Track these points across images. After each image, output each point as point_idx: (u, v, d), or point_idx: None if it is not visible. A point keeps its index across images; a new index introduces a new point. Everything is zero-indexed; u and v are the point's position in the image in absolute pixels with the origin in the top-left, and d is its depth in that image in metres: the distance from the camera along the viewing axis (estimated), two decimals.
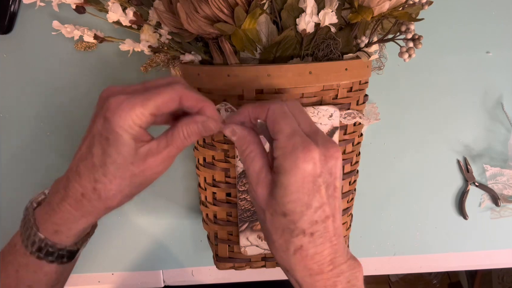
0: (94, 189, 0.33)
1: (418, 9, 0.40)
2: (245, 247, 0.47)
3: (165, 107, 0.33)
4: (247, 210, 0.45)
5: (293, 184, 0.30)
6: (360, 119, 0.44)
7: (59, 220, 0.35)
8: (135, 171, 0.33)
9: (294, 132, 0.31)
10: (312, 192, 0.31)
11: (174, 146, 0.34)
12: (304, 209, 0.31)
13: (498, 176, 0.58)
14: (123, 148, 0.32)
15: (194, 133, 0.34)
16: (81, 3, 0.46)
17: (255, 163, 0.33)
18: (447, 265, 0.60)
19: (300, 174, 0.30)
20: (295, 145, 0.30)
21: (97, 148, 0.33)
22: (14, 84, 0.56)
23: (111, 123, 0.31)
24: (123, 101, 0.32)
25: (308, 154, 0.30)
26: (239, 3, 0.37)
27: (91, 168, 0.33)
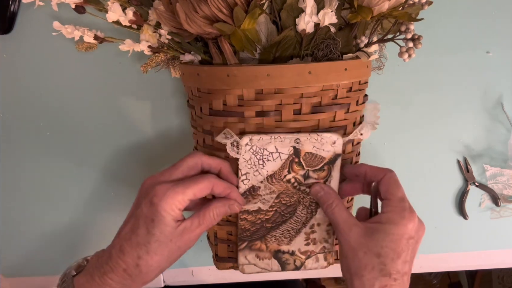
0: (136, 265, 0.38)
1: (418, 9, 0.40)
2: (243, 265, 0.47)
3: (201, 194, 0.39)
4: (246, 230, 0.46)
5: (394, 234, 0.37)
6: (361, 136, 0.45)
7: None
8: (173, 247, 0.39)
9: (404, 199, 0.39)
10: (404, 247, 0.38)
11: (205, 225, 0.41)
12: (396, 257, 0.37)
13: (498, 176, 0.58)
14: (165, 228, 0.38)
15: (221, 214, 0.42)
16: (80, 3, 0.46)
17: (342, 213, 0.41)
18: (447, 265, 0.60)
19: (402, 229, 0.38)
20: (404, 208, 0.39)
21: (142, 229, 0.38)
22: (14, 84, 0.56)
23: (158, 207, 0.37)
24: (168, 189, 0.38)
25: (412, 218, 0.38)
26: (239, 3, 0.37)
27: (135, 246, 0.38)
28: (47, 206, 0.58)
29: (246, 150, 0.42)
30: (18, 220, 0.59)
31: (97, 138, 0.57)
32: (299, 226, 0.46)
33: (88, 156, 0.57)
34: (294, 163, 0.43)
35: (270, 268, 0.47)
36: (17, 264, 0.60)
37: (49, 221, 0.59)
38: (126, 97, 0.56)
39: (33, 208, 0.58)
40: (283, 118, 0.42)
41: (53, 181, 0.58)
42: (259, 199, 0.45)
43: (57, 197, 0.58)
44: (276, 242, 0.47)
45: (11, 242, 0.59)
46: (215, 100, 0.42)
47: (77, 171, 0.57)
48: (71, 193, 0.58)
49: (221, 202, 0.42)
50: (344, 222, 0.40)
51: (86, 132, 0.57)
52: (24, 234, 0.59)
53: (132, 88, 0.56)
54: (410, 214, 0.38)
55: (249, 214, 0.45)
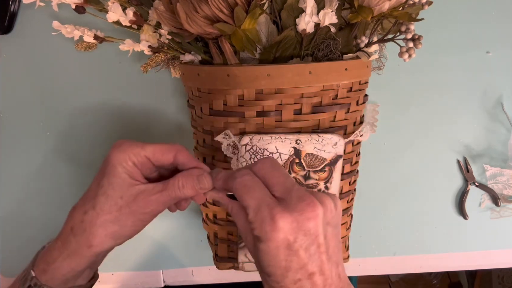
0: (81, 221, 0.35)
1: (418, 9, 0.40)
2: (243, 263, 0.47)
3: (160, 154, 0.36)
4: None
5: (269, 252, 0.31)
6: (360, 137, 0.45)
7: (49, 259, 0.36)
8: (123, 207, 0.35)
9: (260, 204, 0.31)
10: (289, 257, 0.30)
11: (167, 192, 0.36)
12: (284, 272, 0.31)
13: (498, 176, 0.58)
14: (114, 179, 0.35)
15: (188, 185, 0.36)
16: (81, 3, 0.46)
17: (239, 220, 0.34)
18: (447, 265, 0.60)
19: (273, 243, 0.30)
20: (262, 219, 0.31)
21: (93, 183, 0.36)
22: (14, 84, 0.56)
23: (109, 157, 0.35)
24: (124, 141, 0.36)
25: (275, 226, 0.30)
26: (239, 3, 0.37)
27: (84, 200, 0.36)
28: (47, 206, 0.58)
29: (246, 150, 0.42)
30: (18, 220, 0.59)
31: (97, 138, 0.57)
32: None
33: (88, 156, 0.57)
34: (295, 163, 0.43)
35: None
36: (17, 264, 0.60)
37: (49, 221, 0.59)
38: (126, 97, 0.56)
39: (33, 208, 0.58)
40: (284, 118, 0.42)
41: (53, 181, 0.58)
42: None
43: (57, 197, 0.58)
44: None
45: (11, 242, 0.59)
46: (216, 100, 0.42)
47: (77, 171, 0.57)
48: (71, 193, 0.58)
49: (189, 171, 0.37)
50: (241, 230, 0.34)
51: (86, 132, 0.57)
52: (24, 234, 0.59)
53: (132, 88, 0.56)
54: (270, 224, 0.30)
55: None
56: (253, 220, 0.31)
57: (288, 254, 0.30)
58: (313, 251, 0.31)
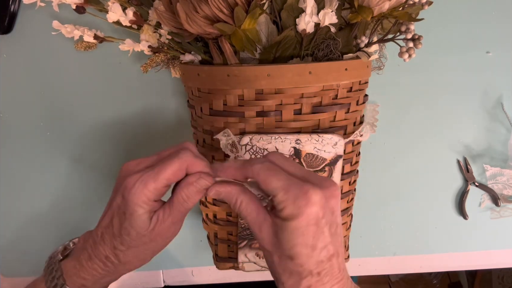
0: (115, 254, 0.37)
1: (418, 9, 0.40)
2: (243, 263, 0.47)
3: (175, 178, 0.35)
4: (246, 228, 0.46)
5: (299, 229, 0.31)
6: (360, 137, 0.45)
7: (87, 276, 0.38)
8: (146, 240, 0.37)
9: (289, 183, 0.32)
10: (316, 234, 0.32)
11: (176, 212, 0.37)
12: (310, 251, 0.32)
13: (498, 176, 0.58)
14: (136, 222, 0.35)
15: (192, 194, 0.36)
16: (81, 3, 0.46)
17: (250, 212, 0.34)
18: (447, 265, 0.60)
19: (305, 219, 0.31)
20: (295, 195, 0.31)
21: (116, 220, 0.36)
22: (14, 84, 0.56)
23: (128, 201, 0.35)
24: (137, 180, 0.35)
25: (309, 200, 0.31)
26: (239, 3, 0.37)
27: (112, 236, 0.37)
28: (47, 206, 0.58)
29: (246, 150, 0.42)
30: (18, 220, 0.59)
31: (97, 138, 0.57)
32: None
33: (88, 156, 0.57)
34: None
35: None
36: (17, 264, 0.60)
37: (49, 221, 0.59)
38: (126, 97, 0.56)
39: (33, 208, 0.58)
40: (284, 118, 0.42)
41: (53, 181, 0.58)
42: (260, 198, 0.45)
43: (57, 197, 0.58)
44: None
45: (11, 242, 0.59)
46: (216, 100, 0.42)
47: (77, 171, 0.57)
48: (71, 193, 0.58)
49: (186, 181, 0.36)
50: (253, 222, 0.34)
51: (86, 132, 0.57)
52: (24, 234, 0.59)
53: (132, 88, 0.56)
54: (304, 198, 0.31)
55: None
56: (283, 199, 0.32)
57: (316, 231, 0.32)
58: (333, 231, 0.33)
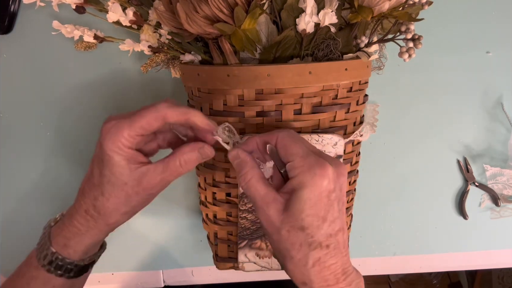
0: (94, 206, 0.37)
1: (418, 9, 0.40)
2: (243, 263, 0.47)
3: (150, 126, 0.35)
4: (247, 228, 0.46)
5: (312, 199, 0.32)
6: (360, 137, 0.45)
7: (68, 234, 0.39)
8: (129, 191, 0.36)
9: (308, 153, 0.34)
10: (327, 206, 0.33)
11: (169, 173, 0.37)
12: (321, 223, 0.33)
13: (498, 176, 0.58)
14: (115, 168, 0.35)
15: (191, 161, 0.37)
16: (81, 3, 0.46)
17: (260, 187, 0.34)
18: (447, 265, 0.60)
19: (318, 189, 0.32)
20: (311, 164, 0.33)
21: (95, 170, 0.37)
22: (14, 84, 0.56)
23: (103, 146, 0.35)
24: (112, 126, 0.35)
25: (324, 171, 0.32)
26: (239, 3, 0.37)
27: (92, 187, 0.37)
28: (47, 206, 0.58)
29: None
30: (18, 220, 0.59)
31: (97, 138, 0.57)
32: None
33: (88, 156, 0.57)
34: None
35: (270, 266, 0.47)
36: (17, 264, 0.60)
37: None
38: (126, 97, 0.56)
39: (33, 208, 0.58)
40: (284, 118, 0.41)
41: (53, 181, 0.58)
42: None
43: (57, 197, 0.58)
44: None
45: (11, 242, 0.59)
46: (216, 100, 0.42)
47: (77, 171, 0.57)
48: (71, 193, 0.58)
49: (189, 147, 0.37)
50: (261, 198, 0.34)
51: (86, 132, 0.57)
52: (24, 234, 0.59)
53: (132, 88, 0.56)
54: (320, 168, 0.32)
55: (249, 213, 0.45)
56: (299, 165, 0.33)
57: (326, 203, 0.33)
58: (341, 207, 0.34)
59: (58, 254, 0.39)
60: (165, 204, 0.58)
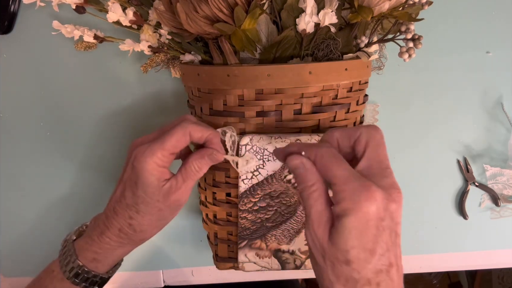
0: (129, 224, 0.40)
1: (418, 9, 0.40)
2: (243, 263, 0.47)
3: (180, 144, 0.38)
4: (247, 228, 0.46)
5: (357, 227, 0.29)
6: None
7: (98, 250, 0.41)
8: (161, 207, 0.39)
9: (351, 174, 0.30)
10: (375, 237, 0.29)
11: (189, 180, 0.39)
12: (368, 256, 0.29)
13: (498, 176, 0.58)
14: (148, 189, 0.38)
15: (204, 165, 0.40)
16: (81, 3, 0.46)
17: (320, 202, 0.31)
18: (447, 265, 0.60)
19: (363, 216, 0.29)
20: (355, 187, 0.29)
21: (128, 192, 0.39)
22: (14, 84, 0.56)
23: (138, 170, 0.37)
24: (145, 149, 0.37)
25: (370, 195, 0.29)
26: (239, 3, 0.37)
27: (125, 207, 0.39)
28: (47, 206, 0.58)
29: (246, 150, 0.42)
30: (18, 220, 0.59)
31: (97, 138, 0.57)
32: (299, 226, 0.46)
33: (88, 156, 0.57)
34: None
35: (270, 266, 0.47)
36: (17, 264, 0.60)
37: (49, 221, 0.59)
38: (126, 97, 0.56)
39: (33, 208, 0.58)
40: (284, 118, 0.42)
41: (53, 181, 0.58)
42: (259, 198, 0.45)
43: (57, 197, 0.58)
44: (276, 241, 0.47)
45: (11, 242, 0.59)
46: (216, 100, 0.42)
47: (77, 171, 0.57)
48: (71, 193, 0.58)
49: (200, 153, 0.40)
50: (317, 214, 0.31)
51: (86, 132, 0.57)
52: (24, 234, 0.59)
53: (132, 88, 0.56)
54: (366, 192, 0.29)
55: (249, 213, 0.45)
56: (342, 189, 0.29)
57: (375, 233, 0.29)
58: (393, 239, 0.30)
59: (85, 267, 0.41)
60: None
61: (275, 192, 0.45)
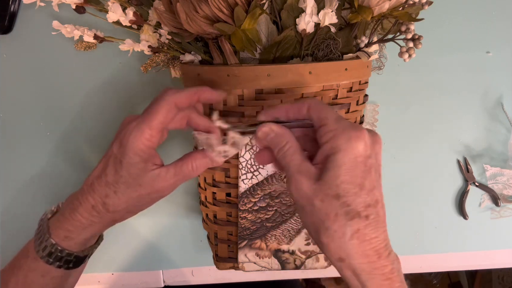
0: (104, 203, 0.37)
1: (418, 9, 0.40)
2: (243, 263, 0.47)
3: (167, 118, 0.36)
4: (247, 228, 0.46)
5: (347, 163, 0.30)
6: None
7: (70, 227, 0.39)
8: (142, 192, 0.37)
9: (340, 117, 0.32)
10: (364, 173, 0.31)
11: (181, 176, 0.37)
12: (358, 190, 0.30)
13: (498, 176, 0.58)
14: (133, 170, 0.36)
15: (202, 166, 0.38)
16: (81, 3, 0.46)
17: (296, 156, 0.33)
18: (447, 265, 0.60)
19: (353, 152, 0.30)
20: (345, 126, 0.31)
21: (111, 168, 0.37)
22: (14, 84, 0.56)
23: (125, 148, 0.36)
24: (133, 128, 0.35)
25: (359, 134, 0.31)
26: (239, 3, 0.37)
27: (103, 185, 0.37)
28: (47, 205, 0.58)
29: (246, 150, 0.42)
30: (18, 220, 0.59)
31: (97, 138, 0.57)
32: (299, 226, 0.46)
33: (88, 156, 0.57)
34: None
35: (270, 266, 0.47)
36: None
37: None
38: (126, 97, 0.56)
39: (33, 208, 0.58)
40: None
41: (53, 181, 0.58)
42: (259, 198, 0.45)
43: (57, 197, 0.58)
44: (276, 241, 0.47)
45: (11, 242, 0.59)
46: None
47: (77, 171, 0.57)
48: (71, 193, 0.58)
49: (201, 153, 0.38)
50: (296, 167, 0.33)
51: (86, 132, 0.57)
52: (24, 234, 0.59)
53: (132, 88, 0.56)
54: (355, 131, 0.31)
55: (249, 213, 0.45)
56: (333, 128, 0.31)
57: (363, 169, 0.30)
58: (377, 177, 0.32)
59: (58, 246, 0.39)
60: (165, 204, 0.58)
61: (275, 192, 0.45)
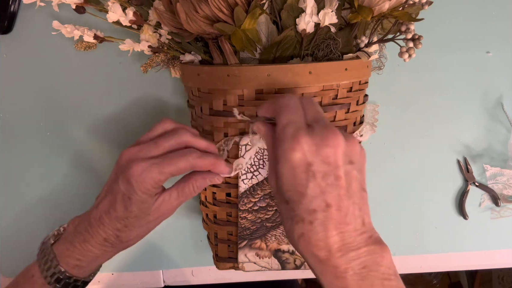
0: (117, 236, 0.39)
1: (418, 9, 0.40)
2: (243, 263, 0.47)
3: (179, 172, 0.37)
4: (247, 228, 0.46)
5: (285, 173, 0.31)
6: (360, 138, 0.45)
7: (81, 257, 0.40)
8: (150, 219, 0.39)
9: (289, 123, 0.31)
10: (305, 181, 0.30)
11: (183, 198, 0.40)
12: (300, 198, 0.31)
13: (498, 176, 0.58)
14: (142, 205, 0.38)
15: (202, 186, 0.40)
16: (81, 3, 0.46)
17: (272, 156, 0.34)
18: (447, 265, 0.60)
19: (289, 163, 0.30)
20: (284, 136, 0.31)
21: (119, 205, 0.38)
22: (14, 84, 0.56)
23: (134, 187, 0.37)
24: (144, 169, 0.36)
25: (294, 144, 0.30)
26: (239, 3, 0.37)
27: (114, 220, 0.39)
28: (47, 206, 0.58)
29: (246, 150, 0.42)
30: (18, 220, 0.59)
31: (97, 138, 0.57)
32: None
33: (88, 156, 0.57)
34: None
35: (270, 266, 0.47)
36: (17, 264, 0.60)
37: (50, 221, 0.59)
38: (126, 97, 0.56)
39: (33, 208, 0.58)
40: None
41: (53, 181, 0.58)
42: (259, 198, 0.45)
43: (57, 197, 0.58)
44: (276, 241, 0.47)
45: (11, 242, 0.59)
46: (216, 100, 0.42)
47: (77, 171, 0.57)
48: (71, 193, 0.58)
49: (201, 175, 0.40)
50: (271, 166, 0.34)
51: (86, 132, 0.57)
52: (24, 234, 0.59)
53: (132, 88, 0.56)
54: (291, 140, 0.30)
55: (249, 213, 0.45)
56: (277, 137, 0.32)
57: (305, 178, 0.30)
58: (331, 181, 0.31)
59: (67, 273, 0.40)
60: None
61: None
